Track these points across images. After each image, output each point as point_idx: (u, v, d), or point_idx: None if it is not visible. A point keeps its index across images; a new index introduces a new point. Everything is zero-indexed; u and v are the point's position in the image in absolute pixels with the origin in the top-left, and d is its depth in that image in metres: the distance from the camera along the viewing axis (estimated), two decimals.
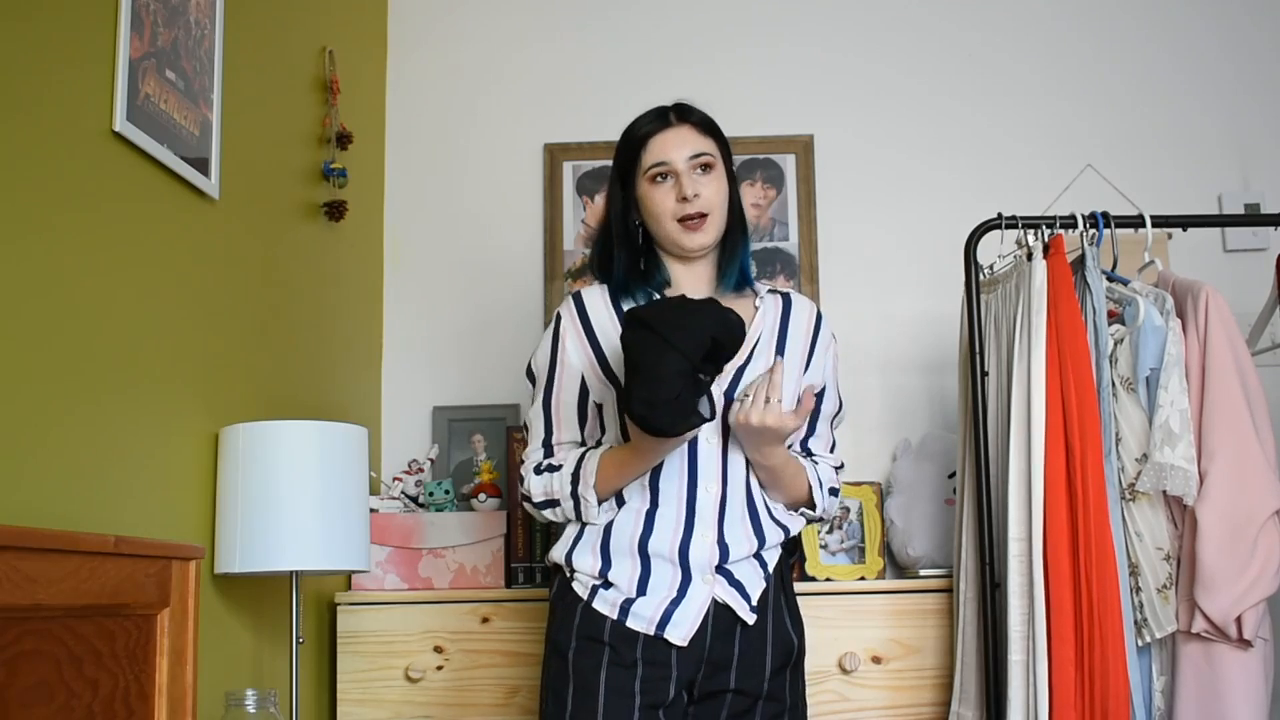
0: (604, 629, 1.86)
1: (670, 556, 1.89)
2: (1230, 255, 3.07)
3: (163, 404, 1.91)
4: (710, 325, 1.71)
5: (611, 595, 1.88)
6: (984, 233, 2.43)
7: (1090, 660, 2.13)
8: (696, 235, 1.94)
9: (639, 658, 1.85)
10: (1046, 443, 2.21)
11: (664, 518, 1.90)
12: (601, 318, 1.98)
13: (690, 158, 1.94)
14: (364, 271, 3.01)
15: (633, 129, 2.00)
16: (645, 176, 1.96)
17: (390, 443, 3.05)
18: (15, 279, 1.55)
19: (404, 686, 2.53)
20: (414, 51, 3.24)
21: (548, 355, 1.99)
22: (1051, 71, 3.18)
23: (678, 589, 1.87)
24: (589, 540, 1.93)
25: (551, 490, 1.94)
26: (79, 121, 1.71)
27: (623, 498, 1.91)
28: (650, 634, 1.86)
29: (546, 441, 1.99)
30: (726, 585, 1.89)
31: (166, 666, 1.60)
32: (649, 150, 1.96)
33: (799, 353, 2.01)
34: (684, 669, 1.87)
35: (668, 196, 1.94)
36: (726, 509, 1.91)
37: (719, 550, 1.89)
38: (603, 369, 1.95)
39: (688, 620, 1.86)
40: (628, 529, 1.90)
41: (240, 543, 2.00)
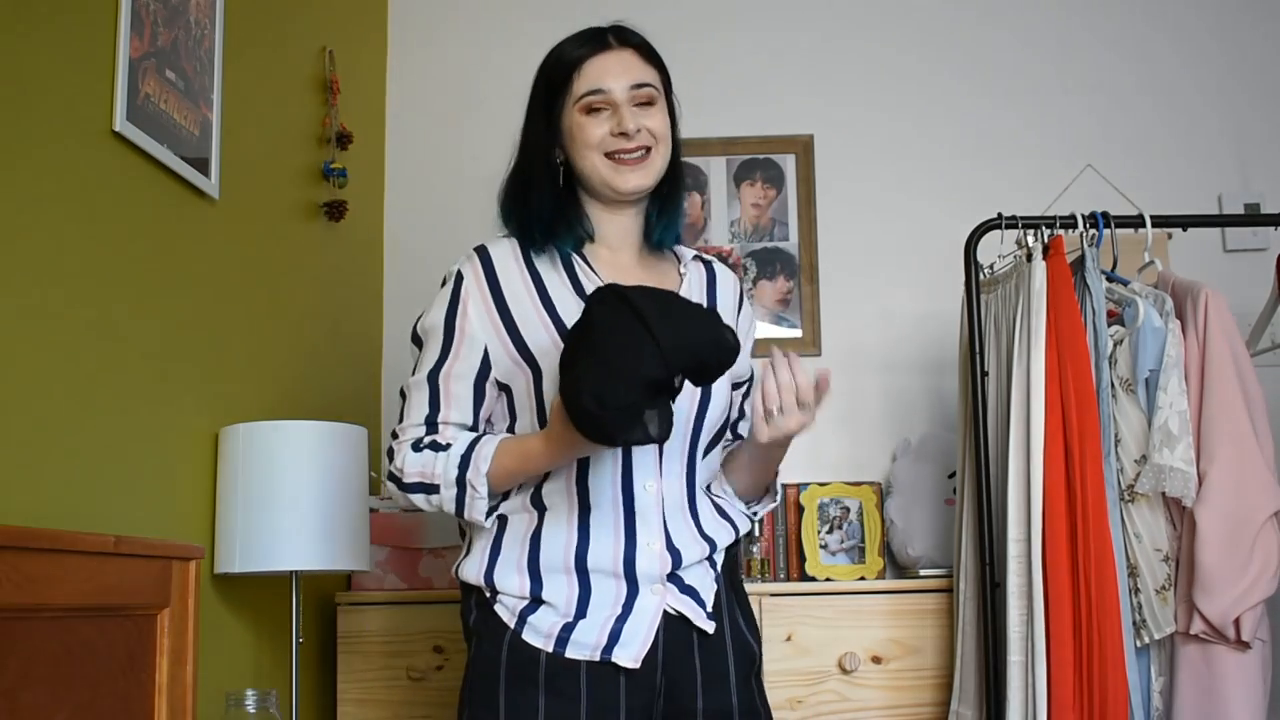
0: (538, 665, 1.57)
1: (614, 570, 1.60)
2: (1230, 255, 3.07)
3: (163, 404, 1.92)
4: (707, 340, 1.43)
5: (545, 621, 1.58)
6: (984, 233, 2.43)
7: (1089, 661, 2.14)
8: (632, 174, 1.65)
9: (582, 693, 1.56)
10: (1046, 443, 2.21)
11: (600, 525, 1.60)
12: (513, 278, 1.67)
13: (632, 87, 1.66)
14: (364, 271, 3.01)
15: (562, 51, 1.72)
16: (577, 105, 1.66)
17: (390, 443, 3.05)
18: (15, 279, 1.55)
19: (404, 686, 2.53)
20: (414, 51, 3.24)
21: (441, 320, 1.66)
22: (1052, 71, 3.18)
23: (623, 604, 1.59)
24: (511, 555, 1.62)
25: (432, 472, 1.60)
26: (79, 121, 1.71)
27: (543, 503, 1.62)
28: (595, 660, 1.57)
29: (431, 419, 1.65)
30: (678, 593, 1.62)
31: (166, 666, 1.60)
32: (583, 75, 1.67)
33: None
34: (635, 697, 1.58)
35: (600, 128, 1.65)
36: (668, 507, 1.63)
37: (670, 556, 1.61)
38: (516, 347, 1.63)
39: (638, 637, 1.58)
40: (559, 541, 1.60)
41: (240, 543, 2.00)
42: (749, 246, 3.13)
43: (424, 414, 1.66)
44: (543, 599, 1.60)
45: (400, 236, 3.16)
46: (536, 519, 1.63)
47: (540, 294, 1.66)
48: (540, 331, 1.63)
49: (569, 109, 1.68)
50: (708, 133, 3.11)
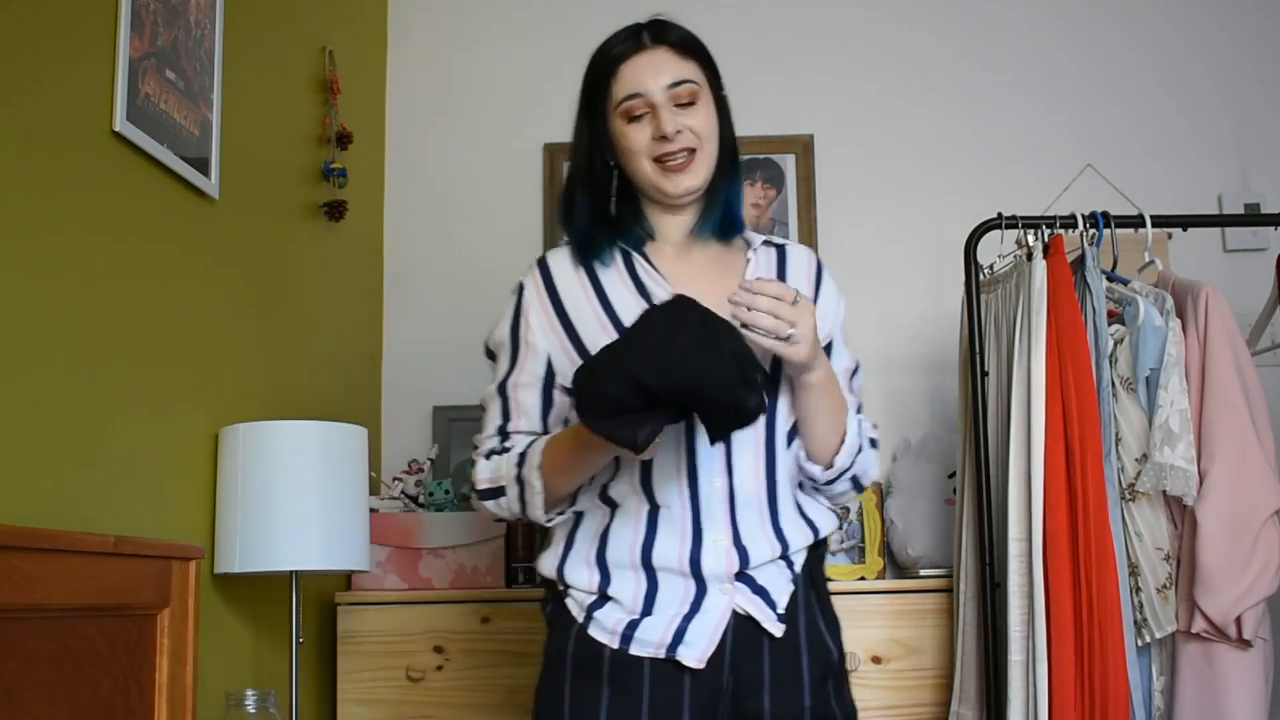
0: (602, 660, 1.58)
1: (680, 568, 1.59)
2: (1230, 255, 3.07)
3: (163, 404, 1.91)
4: (721, 392, 1.39)
5: (611, 617, 1.59)
6: (984, 233, 2.44)
7: (1090, 660, 2.13)
8: (681, 178, 1.64)
9: (644, 689, 1.56)
10: (1046, 443, 2.21)
11: (668, 522, 1.59)
12: (571, 284, 1.68)
13: (669, 87, 1.63)
14: (364, 271, 3.01)
15: (601, 52, 1.70)
16: (617, 111, 1.65)
17: (390, 443, 3.05)
18: (15, 279, 1.55)
19: (404, 686, 2.53)
20: (414, 51, 3.24)
21: (508, 333, 1.70)
22: (1051, 71, 3.18)
23: (691, 602, 1.58)
24: (581, 551, 1.64)
25: (497, 475, 1.63)
26: (79, 121, 1.71)
27: (613, 500, 1.63)
28: (659, 657, 1.56)
29: (503, 429, 1.69)
30: (749, 593, 1.59)
31: (166, 666, 1.60)
32: (620, 79, 1.65)
33: None
34: (699, 696, 1.56)
35: (642, 134, 1.64)
36: (738, 504, 1.60)
37: (737, 555, 1.59)
38: (578, 350, 1.64)
39: (704, 637, 1.56)
40: (627, 537, 1.61)
41: (240, 543, 2.00)
42: None
43: (497, 424, 1.69)
44: (609, 595, 1.60)
45: (400, 236, 3.16)
46: (608, 515, 1.63)
47: (599, 297, 1.67)
48: (599, 333, 1.63)
49: (611, 115, 1.67)
50: None
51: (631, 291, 1.67)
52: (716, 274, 1.69)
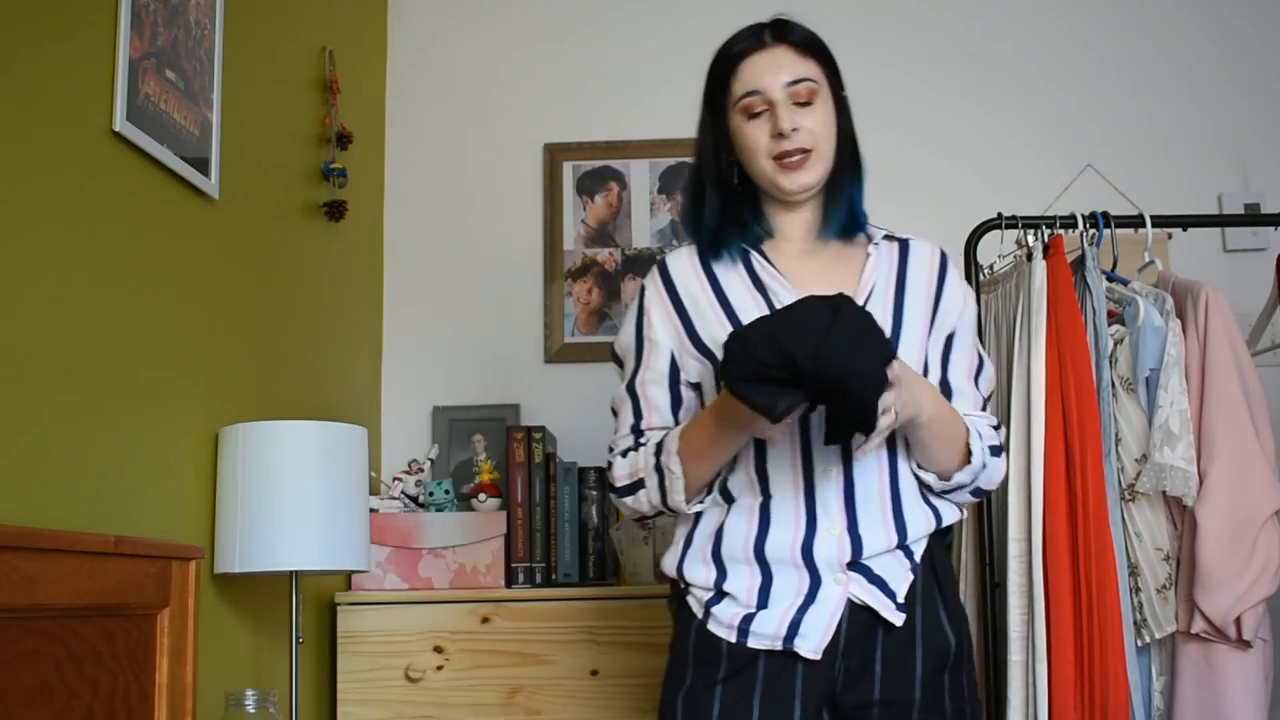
0: (720, 653, 1.61)
1: (793, 559, 1.61)
2: (1230, 255, 3.07)
3: (163, 404, 1.91)
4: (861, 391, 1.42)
5: (728, 612, 1.62)
6: (984, 233, 2.43)
7: (1090, 660, 2.13)
8: (797, 175, 1.66)
9: (757, 683, 1.59)
10: (1046, 443, 2.21)
11: (780, 512, 1.62)
12: (690, 283, 1.72)
13: (787, 85, 1.65)
14: (364, 271, 3.01)
15: (724, 50, 1.72)
16: (736, 108, 1.68)
17: (390, 443, 3.05)
18: (15, 279, 1.55)
19: (404, 686, 2.53)
20: (414, 51, 3.24)
21: (632, 334, 1.74)
22: (1052, 71, 3.18)
23: (805, 593, 1.60)
24: (699, 547, 1.67)
25: (636, 469, 1.67)
26: (79, 121, 1.71)
27: (731, 494, 1.65)
28: (776, 649, 1.60)
29: (636, 427, 1.72)
30: (864, 583, 1.61)
31: (166, 666, 1.60)
32: (739, 76, 1.68)
33: (922, 306, 1.71)
34: (812, 686, 1.59)
35: (761, 131, 1.66)
36: (856, 493, 1.61)
37: (850, 543, 1.60)
38: (695, 344, 1.69)
39: (819, 628, 1.59)
40: (740, 531, 1.64)
41: (240, 543, 2.00)
42: None
43: (630, 423, 1.73)
44: (725, 590, 1.64)
45: (400, 236, 3.16)
46: (725, 511, 1.67)
47: (716, 293, 1.71)
48: (715, 327, 1.68)
49: (731, 113, 1.70)
50: None
51: (749, 288, 1.70)
52: (836, 271, 1.72)
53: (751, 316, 1.58)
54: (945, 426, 1.63)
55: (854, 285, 1.70)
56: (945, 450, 1.65)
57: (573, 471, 2.76)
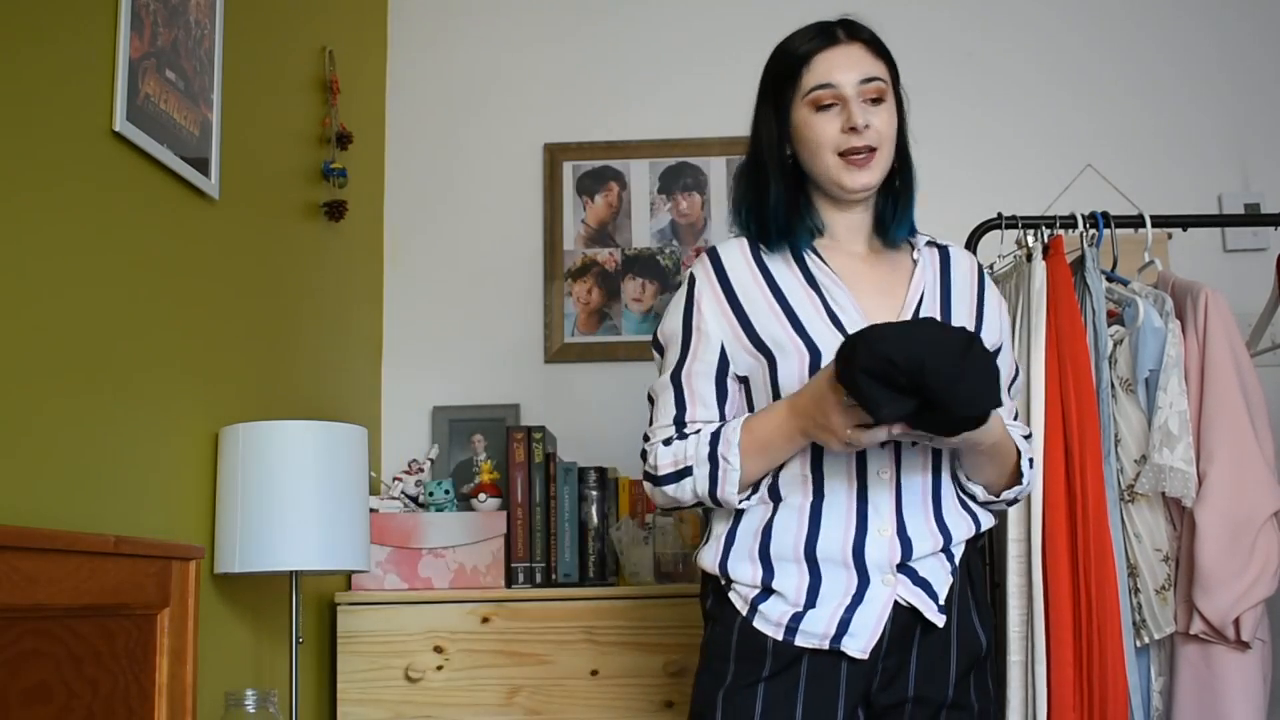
0: (765, 651, 1.61)
1: (843, 559, 1.61)
2: (1230, 255, 3.07)
3: (163, 404, 1.92)
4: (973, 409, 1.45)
5: (776, 610, 1.61)
6: (984, 233, 2.43)
7: (1089, 661, 2.13)
8: (861, 173, 1.65)
9: (801, 681, 1.59)
10: (1046, 444, 2.21)
11: (832, 512, 1.61)
12: (743, 276, 1.69)
13: (861, 82, 1.66)
14: (364, 271, 3.01)
15: (790, 45, 1.71)
16: (805, 100, 1.67)
17: (390, 443, 3.05)
18: (15, 279, 1.55)
19: (404, 686, 2.53)
20: (414, 51, 3.24)
21: (679, 322, 1.70)
22: (1051, 71, 3.18)
23: (853, 594, 1.60)
24: (744, 545, 1.65)
25: (684, 456, 1.64)
26: (79, 121, 1.71)
27: (779, 493, 1.64)
28: (824, 649, 1.60)
29: (679, 419, 1.68)
30: (910, 585, 1.62)
31: (166, 666, 1.60)
32: (812, 69, 1.66)
33: (966, 315, 1.74)
34: (854, 684, 1.61)
35: (831, 125, 1.65)
36: (904, 496, 1.63)
37: (900, 545, 1.61)
38: (749, 337, 1.66)
39: (868, 628, 1.59)
40: (790, 530, 1.63)
41: (240, 543, 2.00)
42: None
43: (672, 414, 1.69)
44: (773, 588, 1.62)
45: (400, 236, 3.16)
46: (771, 509, 1.65)
47: (771, 287, 1.69)
48: (772, 322, 1.66)
49: (797, 104, 1.68)
50: (708, 133, 3.11)
51: (800, 282, 1.69)
52: (884, 272, 1.73)
53: (807, 312, 1.64)
54: (1003, 452, 1.66)
55: (904, 290, 1.71)
56: (998, 470, 1.68)
57: (573, 471, 2.76)
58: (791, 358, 1.63)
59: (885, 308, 1.67)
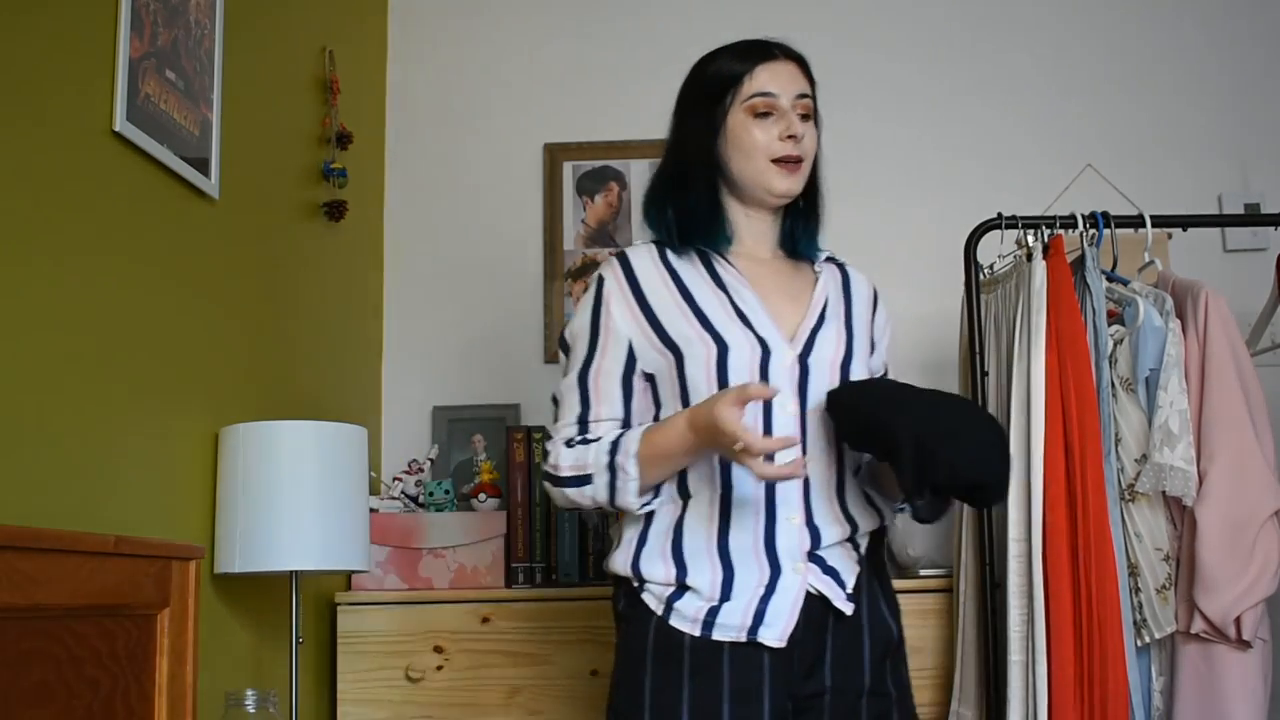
0: (683, 648, 1.63)
1: (755, 551, 1.64)
2: (1230, 255, 3.07)
3: (163, 404, 1.91)
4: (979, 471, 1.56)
5: (691, 606, 1.64)
6: (984, 233, 2.44)
7: (1089, 660, 2.14)
8: (790, 179, 1.73)
9: (725, 673, 1.61)
10: (1046, 443, 2.21)
11: (742, 505, 1.65)
12: (652, 279, 1.74)
13: (797, 97, 1.74)
14: (364, 271, 3.01)
15: (726, 56, 1.78)
16: (744, 106, 1.73)
17: (390, 443, 3.05)
18: (15, 279, 1.55)
19: (404, 686, 2.53)
20: (414, 51, 3.24)
21: (588, 320, 1.74)
22: (1051, 71, 3.18)
23: (766, 584, 1.64)
24: (656, 545, 1.68)
25: (585, 464, 1.67)
26: (79, 121, 1.71)
27: (688, 491, 1.68)
28: (741, 641, 1.62)
29: (583, 418, 1.73)
30: (819, 573, 1.66)
31: (166, 666, 1.60)
32: (754, 78, 1.73)
33: (865, 330, 1.81)
34: (776, 675, 1.62)
35: (768, 131, 1.72)
36: (812, 489, 1.67)
37: (809, 534, 1.65)
38: (658, 334, 1.70)
39: (783, 616, 1.62)
40: (701, 527, 1.66)
41: (240, 543, 2.00)
42: None
43: (576, 413, 1.74)
44: (688, 585, 1.65)
45: (400, 236, 3.16)
46: (681, 507, 1.69)
47: (679, 287, 1.74)
48: (680, 319, 1.71)
49: (735, 110, 1.74)
50: None
51: (708, 283, 1.75)
52: (788, 279, 1.79)
53: (714, 309, 1.70)
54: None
55: (808, 297, 1.78)
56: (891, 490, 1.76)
57: None
58: (699, 353, 1.67)
59: (790, 311, 1.74)
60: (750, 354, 1.67)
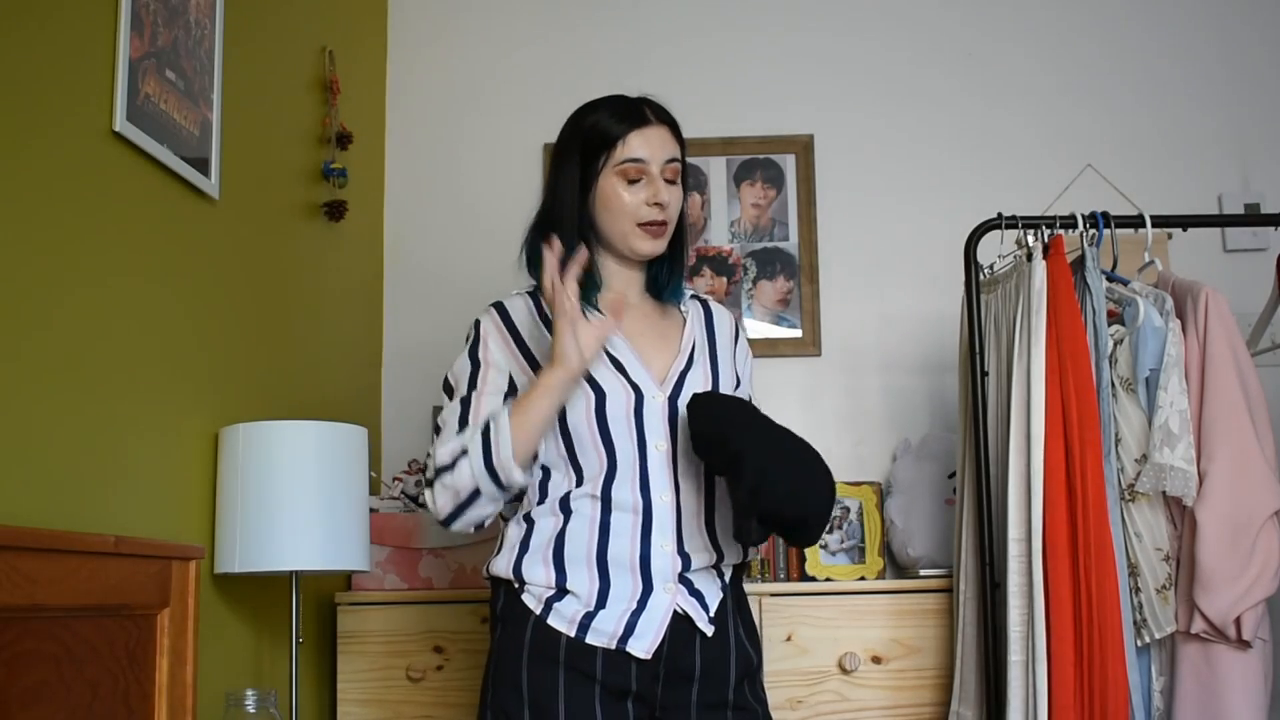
0: (559, 647, 1.72)
1: (630, 566, 1.75)
2: (1230, 255, 3.07)
3: (163, 404, 1.92)
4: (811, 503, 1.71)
5: (569, 609, 1.74)
6: (984, 233, 2.44)
7: (1090, 660, 2.14)
8: (655, 242, 1.82)
9: (598, 676, 1.72)
10: (1046, 443, 2.21)
11: (619, 525, 1.75)
12: (528, 325, 1.85)
13: (666, 162, 1.82)
14: (364, 271, 3.01)
15: (603, 117, 1.84)
16: (615, 170, 1.80)
17: (390, 443, 3.05)
18: (15, 279, 1.55)
19: (404, 686, 2.53)
20: (414, 51, 3.24)
21: (467, 360, 1.82)
22: (1051, 71, 3.18)
23: (638, 599, 1.75)
24: (538, 551, 1.77)
25: (459, 444, 1.71)
26: (79, 121, 1.71)
27: (570, 507, 1.77)
28: (611, 648, 1.73)
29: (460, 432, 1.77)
30: (686, 595, 1.78)
31: (166, 666, 1.60)
32: (628, 144, 1.80)
33: (728, 360, 1.92)
34: (641, 683, 1.75)
35: (636, 196, 1.80)
36: (683, 518, 1.78)
37: (680, 560, 1.77)
38: (535, 371, 1.79)
39: (651, 631, 1.74)
40: (581, 538, 1.76)
41: (240, 543, 2.00)
42: (749, 246, 3.13)
43: (454, 429, 1.77)
44: (567, 589, 1.75)
45: (400, 236, 3.16)
46: (562, 520, 1.78)
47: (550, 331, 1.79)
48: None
49: (607, 172, 1.82)
50: (708, 133, 3.11)
51: None
52: (656, 323, 1.89)
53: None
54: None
55: (677, 339, 1.88)
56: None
57: None
58: (579, 401, 1.76)
59: (660, 353, 1.84)
60: (626, 399, 1.77)
